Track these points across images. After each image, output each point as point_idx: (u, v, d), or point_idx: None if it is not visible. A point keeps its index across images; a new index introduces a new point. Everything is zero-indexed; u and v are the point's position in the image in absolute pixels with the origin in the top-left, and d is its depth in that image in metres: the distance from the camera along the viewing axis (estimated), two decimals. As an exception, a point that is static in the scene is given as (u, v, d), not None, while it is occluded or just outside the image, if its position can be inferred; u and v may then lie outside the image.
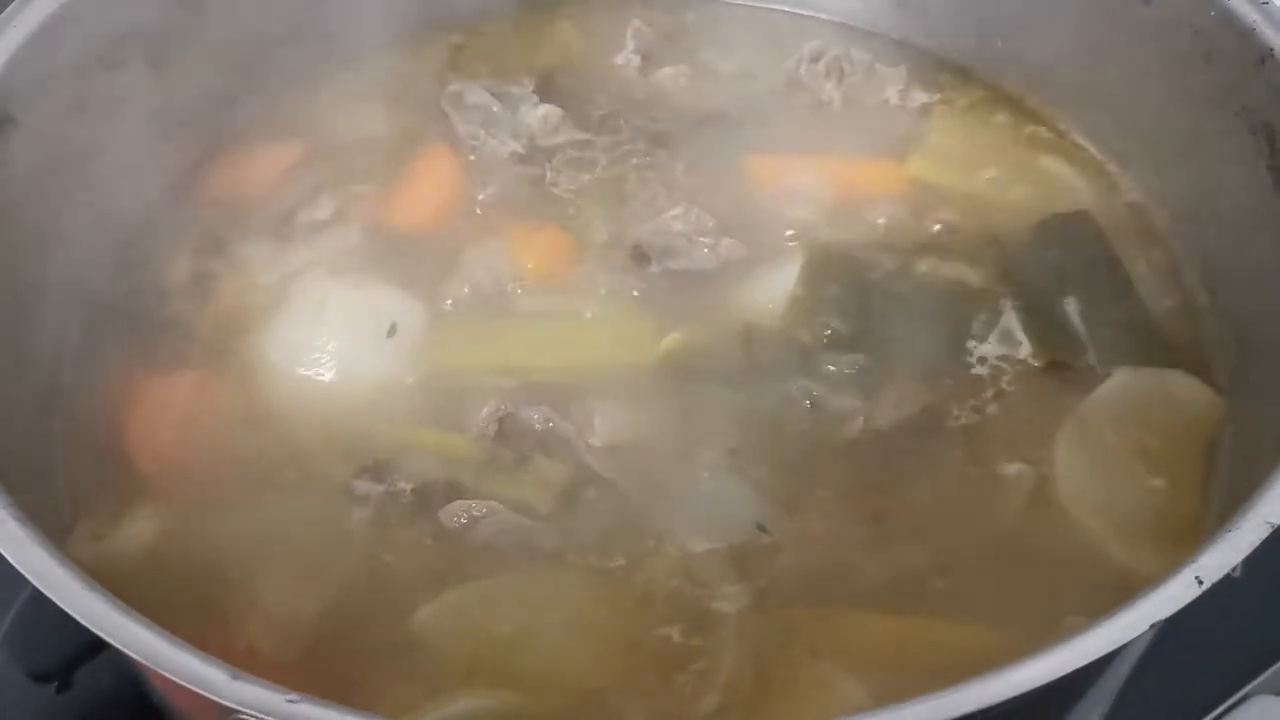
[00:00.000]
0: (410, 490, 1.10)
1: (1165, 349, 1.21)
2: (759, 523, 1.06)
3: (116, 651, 0.79)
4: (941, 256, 1.27)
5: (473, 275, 1.25)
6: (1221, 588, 0.81)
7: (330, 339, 1.19)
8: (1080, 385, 1.17)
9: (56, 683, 1.14)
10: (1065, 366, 1.19)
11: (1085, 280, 1.25)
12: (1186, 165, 1.28)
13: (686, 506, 1.09)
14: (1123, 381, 1.16)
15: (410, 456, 1.12)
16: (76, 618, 0.78)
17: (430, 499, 1.09)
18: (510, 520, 1.07)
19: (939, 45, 1.50)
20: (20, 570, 0.80)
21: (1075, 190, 1.36)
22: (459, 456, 1.12)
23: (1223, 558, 0.81)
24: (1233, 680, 1.25)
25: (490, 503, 1.08)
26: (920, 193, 1.35)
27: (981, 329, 1.21)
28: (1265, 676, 1.25)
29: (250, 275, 1.26)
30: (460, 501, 1.08)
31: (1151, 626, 0.77)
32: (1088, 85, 1.38)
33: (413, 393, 1.17)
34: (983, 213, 1.33)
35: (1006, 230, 1.31)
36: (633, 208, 1.32)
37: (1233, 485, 1.07)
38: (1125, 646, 0.77)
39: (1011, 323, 1.21)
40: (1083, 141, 1.41)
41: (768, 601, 1.03)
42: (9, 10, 1.14)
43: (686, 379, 1.17)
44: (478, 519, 1.07)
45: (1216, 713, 1.23)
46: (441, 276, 1.25)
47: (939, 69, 1.49)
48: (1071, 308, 1.22)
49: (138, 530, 1.08)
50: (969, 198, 1.34)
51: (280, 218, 1.31)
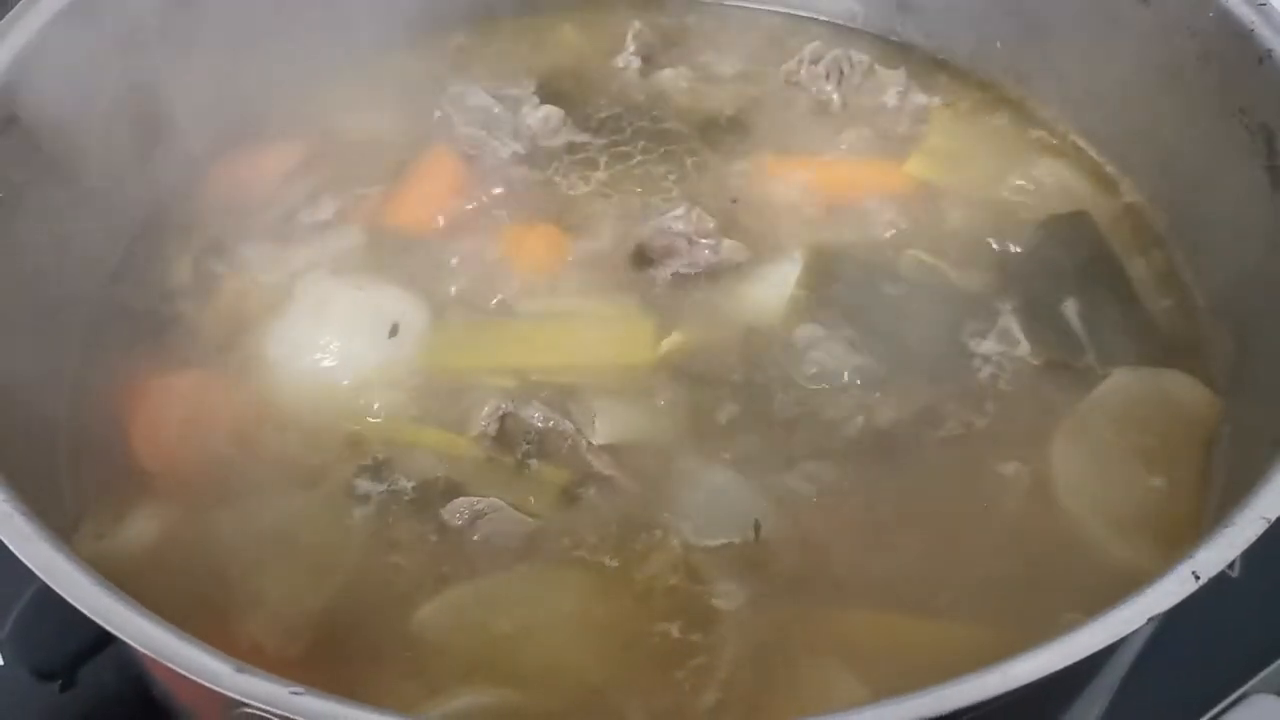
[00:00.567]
0: (411, 489, 1.10)
1: (1163, 349, 1.21)
2: (756, 520, 1.07)
3: (120, 649, 0.80)
4: (941, 257, 1.28)
5: (474, 275, 1.26)
6: (1220, 586, 0.82)
7: (332, 339, 1.19)
8: (1079, 385, 1.17)
9: (60, 680, 1.14)
10: (1064, 366, 1.19)
11: (1084, 280, 1.25)
12: (1185, 166, 1.28)
13: (686, 505, 1.09)
14: (1121, 381, 1.17)
15: (411, 455, 1.13)
16: (85, 613, 0.78)
17: (431, 498, 1.10)
18: (511, 518, 1.07)
19: (938, 47, 1.51)
20: (29, 566, 0.81)
21: (1074, 191, 1.36)
22: (460, 455, 1.13)
23: (1219, 554, 0.82)
24: (1231, 679, 1.25)
25: (491, 500, 1.08)
26: (920, 194, 1.35)
27: (981, 329, 1.21)
28: (1264, 675, 1.25)
29: (253, 275, 1.26)
30: (462, 499, 1.08)
31: (1148, 621, 0.78)
32: (1086, 87, 1.39)
33: (414, 392, 1.17)
34: (982, 214, 1.33)
35: (1006, 231, 1.31)
36: (634, 209, 1.32)
37: (1230, 483, 1.07)
38: (1123, 641, 0.78)
39: (1010, 323, 1.21)
40: (1081, 143, 1.41)
41: (767, 598, 1.03)
42: (14, 11, 1.14)
43: (687, 379, 1.18)
44: (479, 517, 1.07)
45: (1215, 711, 1.23)
46: (443, 277, 1.26)
47: (938, 71, 1.50)
48: (1070, 308, 1.22)
49: (142, 528, 1.08)
50: (968, 199, 1.34)
51: (282, 218, 1.31)
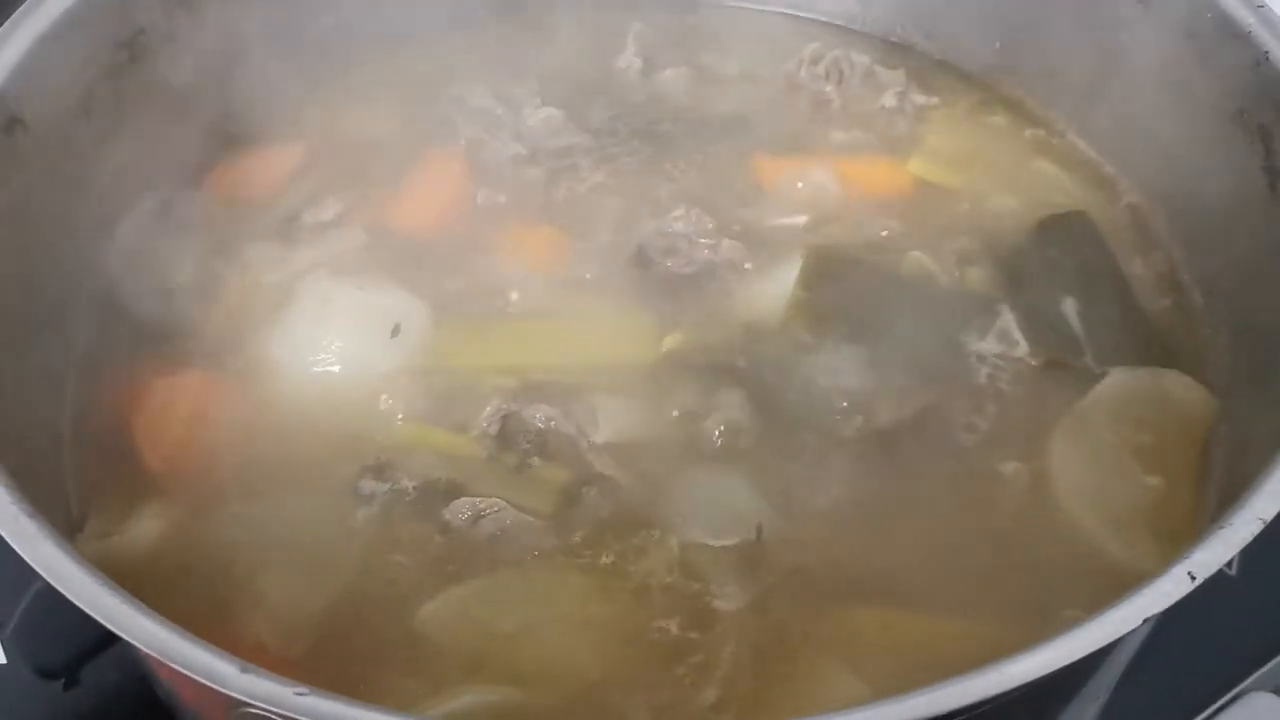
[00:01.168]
0: (413, 488, 1.10)
1: (1161, 348, 1.22)
2: (758, 524, 1.07)
3: (123, 648, 0.80)
4: (940, 257, 1.28)
5: (476, 276, 1.26)
6: (1218, 585, 0.82)
7: (335, 339, 1.19)
8: (1077, 384, 1.17)
9: (63, 679, 1.15)
10: (1062, 366, 1.19)
11: (1083, 280, 1.26)
12: (1183, 167, 1.29)
13: (686, 504, 1.09)
14: (1119, 380, 1.17)
15: (413, 455, 1.13)
16: (90, 613, 0.78)
17: (433, 497, 1.10)
18: (513, 517, 1.08)
19: (938, 48, 1.51)
20: (34, 567, 0.81)
21: (1073, 191, 1.37)
22: (462, 455, 1.13)
23: (1215, 554, 0.82)
24: (1228, 677, 1.25)
25: (493, 500, 1.08)
26: (919, 194, 1.35)
27: (980, 329, 1.21)
28: (1261, 673, 1.25)
29: (256, 276, 1.26)
30: (464, 499, 1.08)
31: (1145, 621, 0.78)
32: (1085, 87, 1.39)
33: (416, 392, 1.17)
34: (981, 214, 1.33)
35: (1005, 231, 1.31)
36: (634, 209, 1.32)
37: (1227, 483, 1.08)
38: (1120, 640, 0.78)
39: (1009, 322, 1.21)
40: (1080, 143, 1.41)
41: (766, 597, 1.03)
42: (16, 15, 1.14)
43: (687, 379, 1.18)
44: (481, 516, 1.08)
45: (1212, 709, 1.23)
46: (445, 277, 1.26)
47: (938, 71, 1.50)
48: (1069, 308, 1.23)
49: (146, 528, 1.08)
50: (968, 199, 1.35)
51: (285, 219, 1.32)
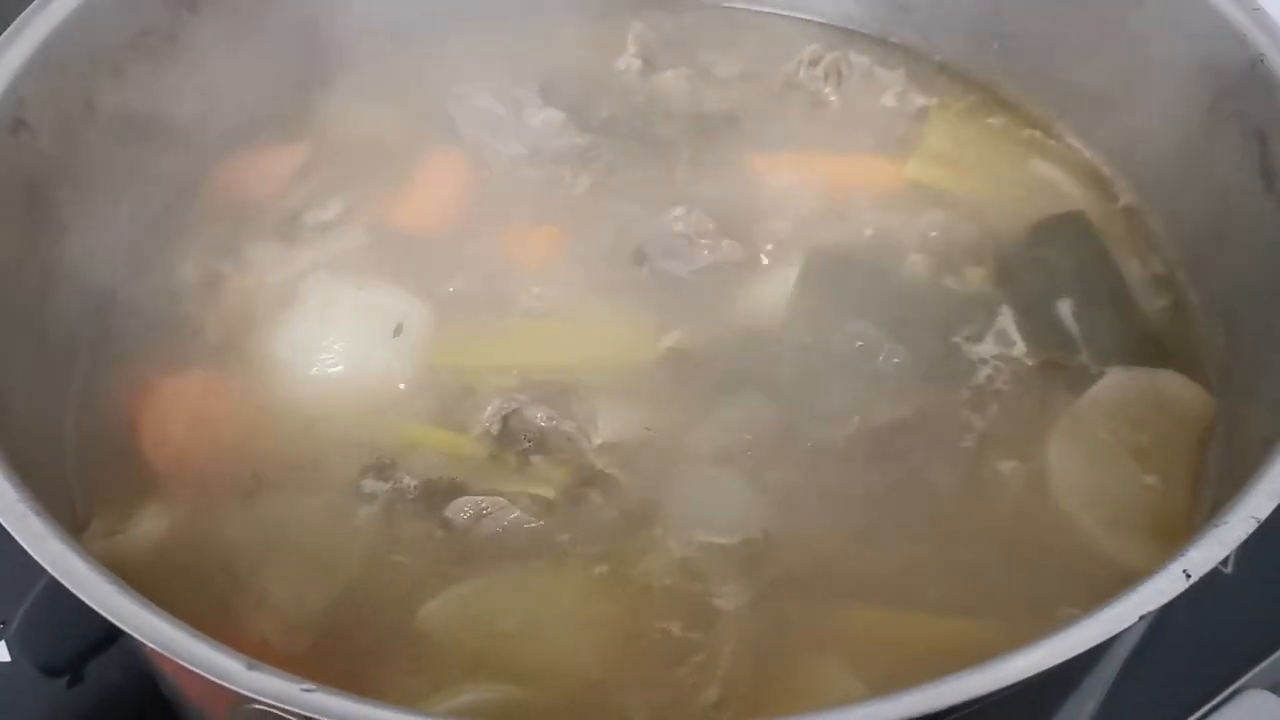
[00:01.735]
0: (414, 487, 1.11)
1: (1157, 349, 1.22)
2: (764, 529, 1.08)
3: (127, 645, 0.81)
4: (938, 257, 1.28)
5: (477, 276, 1.27)
6: (1214, 582, 0.83)
7: (337, 338, 1.19)
8: (1074, 384, 1.18)
9: (68, 677, 1.16)
10: (1059, 366, 1.19)
11: (1080, 281, 1.26)
12: (1179, 168, 1.29)
13: (686, 503, 1.10)
14: (1116, 380, 1.18)
15: (415, 454, 1.13)
16: (99, 611, 0.79)
17: (435, 496, 1.10)
18: (513, 516, 1.08)
19: (936, 49, 1.51)
20: (43, 565, 0.81)
21: (1070, 192, 1.37)
22: (463, 454, 1.13)
23: (1210, 552, 0.83)
24: (1226, 675, 1.26)
25: (495, 498, 1.09)
26: (917, 195, 1.35)
27: (977, 329, 1.22)
28: (1258, 671, 1.26)
29: (258, 275, 1.27)
30: (465, 498, 1.09)
31: (1140, 619, 0.79)
32: (1083, 89, 1.39)
33: (418, 391, 1.18)
34: (979, 214, 1.33)
35: (1003, 231, 1.32)
36: (634, 209, 1.32)
37: (1223, 481, 1.08)
38: (1115, 638, 0.79)
39: (1007, 322, 1.22)
40: (1078, 144, 1.42)
41: (766, 596, 1.04)
42: (22, 17, 1.15)
43: (687, 378, 1.18)
44: (482, 515, 1.08)
45: (1209, 707, 1.24)
46: (446, 277, 1.26)
47: (936, 72, 1.50)
48: (1066, 308, 1.23)
49: (149, 526, 1.09)
50: (966, 200, 1.35)
51: (287, 218, 1.32)
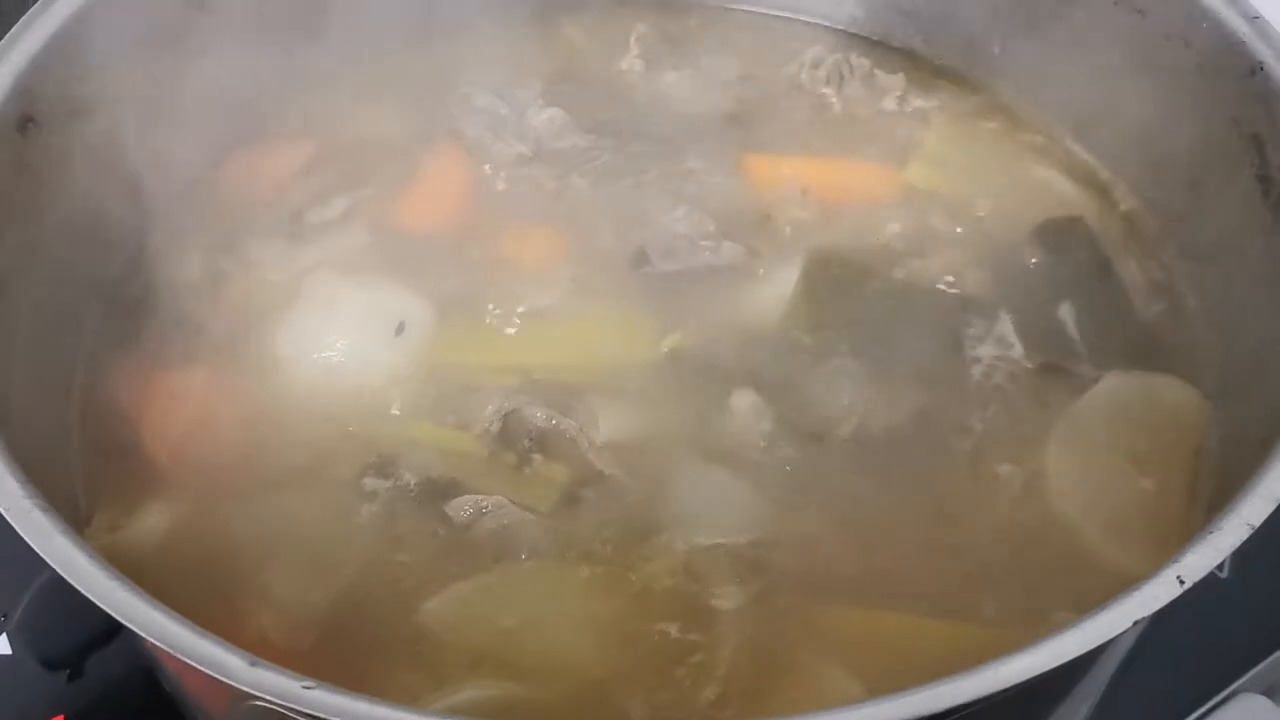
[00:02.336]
0: (415, 485, 1.11)
1: (1155, 353, 1.23)
2: (763, 531, 1.08)
3: (129, 639, 0.81)
4: (938, 261, 1.29)
5: (479, 275, 1.27)
6: (1208, 586, 0.83)
7: (339, 336, 1.20)
8: (1072, 388, 1.18)
9: (68, 670, 1.16)
10: (1058, 369, 1.20)
11: (1078, 285, 1.26)
12: (1179, 173, 1.29)
13: (686, 503, 1.10)
14: (1113, 385, 1.18)
15: (416, 453, 1.13)
16: (103, 607, 0.79)
17: (435, 494, 1.10)
18: (514, 515, 1.08)
19: (938, 53, 1.51)
20: (48, 561, 0.82)
21: (1070, 197, 1.37)
22: (464, 453, 1.13)
23: (1205, 558, 0.83)
24: (1219, 678, 1.26)
25: (495, 497, 1.09)
26: (918, 198, 1.36)
27: (977, 332, 1.22)
28: (1251, 674, 1.26)
29: (261, 273, 1.27)
30: (466, 496, 1.09)
31: (1134, 624, 0.79)
32: (1083, 94, 1.39)
33: (419, 390, 1.18)
34: (979, 218, 1.34)
35: (1002, 235, 1.32)
36: (635, 210, 1.33)
37: (1218, 486, 1.08)
38: (1109, 643, 0.79)
39: (1006, 326, 1.22)
40: (1077, 148, 1.42)
41: (765, 597, 1.04)
42: (29, 14, 1.15)
43: (687, 379, 1.19)
44: (483, 514, 1.08)
45: (1203, 710, 1.24)
46: (448, 276, 1.26)
47: (938, 76, 1.50)
48: (1065, 312, 1.24)
49: (153, 522, 1.09)
50: (966, 203, 1.35)
51: (291, 217, 1.32)
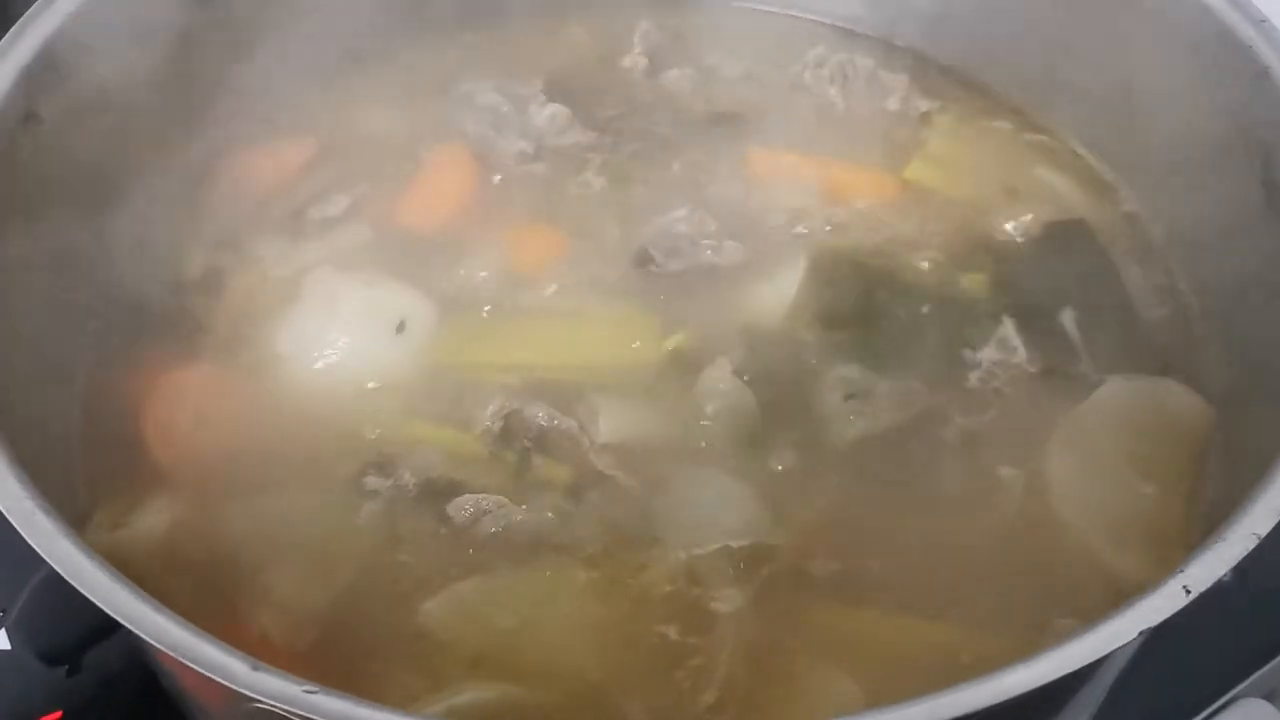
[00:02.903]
0: (415, 485, 1.11)
1: (1157, 357, 1.23)
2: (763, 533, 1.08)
3: (127, 636, 0.81)
4: (941, 262, 1.29)
5: (481, 273, 1.27)
6: (1211, 591, 0.83)
7: (341, 334, 1.20)
8: (1074, 392, 1.18)
9: (67, 665, 1.16)
10: (1060, 373, 1.20)
11: (1081, 288, 1.27)
12: (1183, 177, 1.29)
13: (687, 505, 1.10)
14: (1116, 389, 1.18)
15: (417, 452, 1.13)
16: (105, 609, 0.79)
17: (436, 494, 1.10)
18: (514, 516, 1.08)
19: (941, 53, 1.51)
20: (50, 562, 0.82)
21: (1073, 199, 1.37)
22: (464, 453, 1.14)
23: (1210, 569, 0.83)
24: (1220, 683, 1.26)
25: (496, 498, 1.09)
26: (921, 199, 1.36)
27: (979, 335, 1.22)
28: (1253, 680, 1.26)
29: (263, 270, 1.27)
30: (466, 496, 1.09)
31: (1139, 634, 0.79)
32: (1087, 96, 1.39)
33: (420, 389, 1.18)
34: (982, 220, 1.34)
35: (1005, 237, 1.32)
36: (638, 209, 1.33)
37: (1220, 491, 1.08)
38: (1113, 653, 0.79)
39: (1008, 329, 1.22)
40: (1081, 151, 1.41)
41: (765, 601, 1.04)
42: (32, 10, 1.15)
43: (689, 379, 1.18)
44: (483, 514, 1.08)
45: (1205, 715, 1.24)
46: (450, 274, 1.26)
47: (941, 77, 1.50)
48: (1067, 315, 1.24)
49: (153, 521, 1.09)
50: (969, 204, 1.35)
51: (293, 214, 1.32)
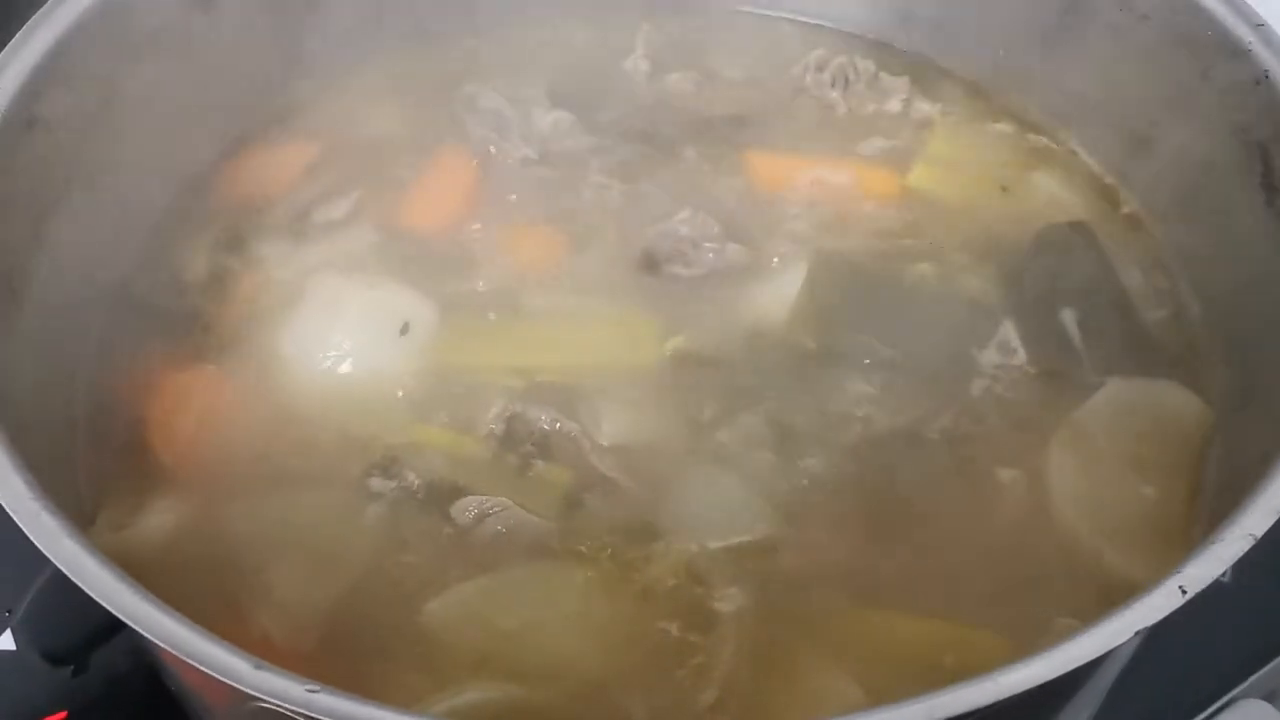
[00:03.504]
0: (419, 486, 1.11)
1: (1158, 359, 1.22)
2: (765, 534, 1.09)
3: (132, 636, 0.81)
4: (941, 265, 1.29)
5: (484, 276, 1.27)
6: (1210, 592, 0.83)
7: (344, 336, 1.20)
8: (1075, 394, 1.18)
9: (72, 666, 1.16)
10: (1060, 375, 1.20)
11: (1082, 290, 1.26)
12: (1183, 180, 1.29)
13: (689, 506, 1.10)
14: (1116, 391, 1.18)
15: (419, 454, 1.13)
16: (110, 609, 0.80)
17: (439, 496, 1.11)
18: (517, 517, 1.09)
19: (942, 56, 1.51)
20: (55, 563, 0.82)
21: (1073, 201, 1.37)
22: (467, 455, 1.14)
23: (1207, 569, 0.83)
24: (1220, 684, 1.26)
25: (499, 499, 1.09)
26: (922, 202, 1.36)
27: (980, 337, 1.22)
28: (1252, 680, 1.26)
29: (267, 272, 1.27)
30: (470, 498, 1.09)
31: (1136, 634, 0.80)
32: (1088, 99, 1.39)
33: (423, 391, 1.18)
34: (983, 222, 1.34)
35: (1006, 239, 1.32)
36: (640, 212, 1.33)
37: (1220, 493, 1.08)
38: (1111, 652, 0.80)
39: (1009, 331, 1.22)
40: (1082, 153, 1.41)
41: (766, 600, 1.04)
42: (37, 15, 1.15)
43: (691, 382, 1.19)
44: (486, 516, 1.09)
45: (1204, 715, 1.24)
46: (453, 277, 1.26)
47: (942, 80, 1.50)
48: (1068, 317, 1.23)
49: (157, 521, 1.09)
50: (969, 207, 1.35)
51: (296, 216, 1.32)
